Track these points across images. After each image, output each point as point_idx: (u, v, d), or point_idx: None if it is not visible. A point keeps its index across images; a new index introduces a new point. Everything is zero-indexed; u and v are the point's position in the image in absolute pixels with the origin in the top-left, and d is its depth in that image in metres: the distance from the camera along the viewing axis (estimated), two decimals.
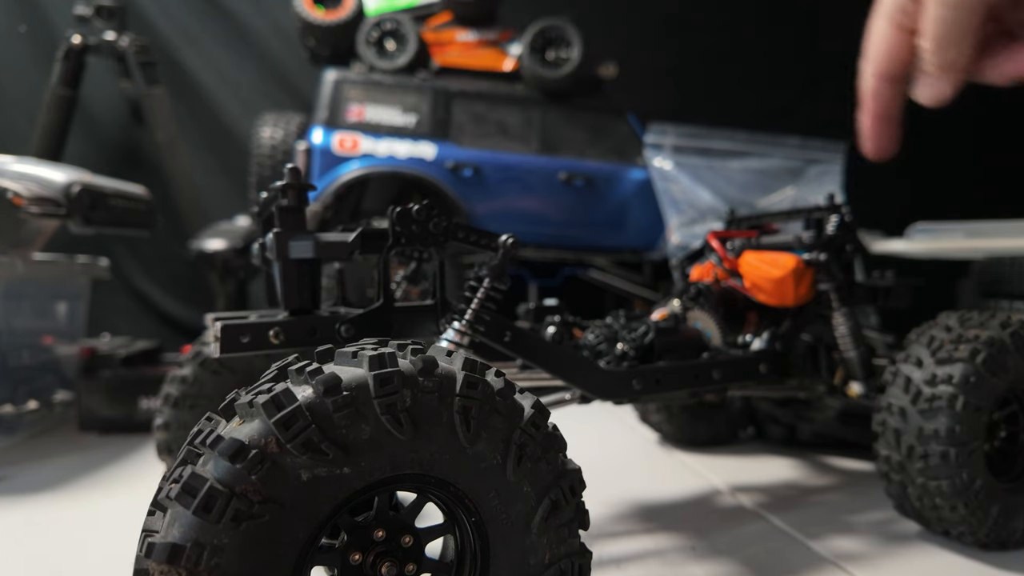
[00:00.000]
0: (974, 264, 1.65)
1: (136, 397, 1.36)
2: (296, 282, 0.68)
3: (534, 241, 2.03)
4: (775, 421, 1.29)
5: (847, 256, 0.97)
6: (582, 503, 0.48)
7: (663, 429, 1.28)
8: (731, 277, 0.97)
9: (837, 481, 1.09)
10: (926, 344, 0.80)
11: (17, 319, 1.35)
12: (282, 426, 0.39)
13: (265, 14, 2.37)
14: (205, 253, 1.80)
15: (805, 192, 2.04)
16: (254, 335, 0.65)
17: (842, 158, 2.10)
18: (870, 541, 0.83)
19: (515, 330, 0.73)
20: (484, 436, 0.44)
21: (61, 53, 2.03)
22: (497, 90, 2.06)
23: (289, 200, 0.66)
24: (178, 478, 0.39)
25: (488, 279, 0.70)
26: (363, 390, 0.41)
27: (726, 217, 1.16)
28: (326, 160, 1.92)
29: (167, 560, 0.37)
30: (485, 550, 0.46)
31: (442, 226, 0.68)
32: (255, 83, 2.39)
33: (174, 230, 2.09)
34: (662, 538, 0.84)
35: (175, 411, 0.87)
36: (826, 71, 2.60)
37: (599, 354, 0.86)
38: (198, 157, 2.29)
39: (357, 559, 0.44)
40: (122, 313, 2.26)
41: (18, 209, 1.19)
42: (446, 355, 0.47)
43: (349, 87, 1.97)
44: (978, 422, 0.74)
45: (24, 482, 1.07)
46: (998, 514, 0.75)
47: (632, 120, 2.15)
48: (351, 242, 0.67)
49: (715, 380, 0.86)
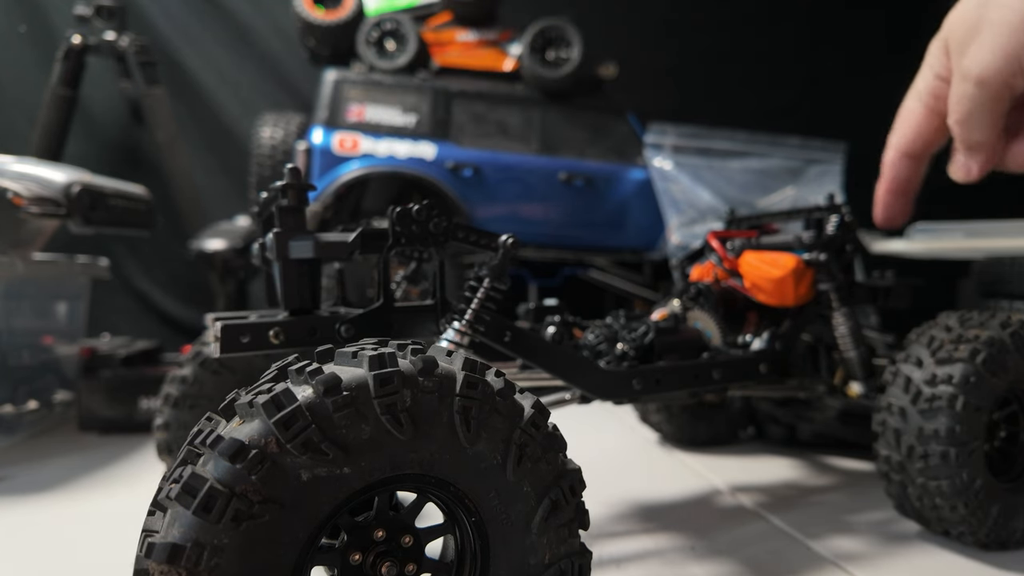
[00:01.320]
0: (974, 264, 1.65)
1: (136, 397, 1.36)
2: (296, 282, 0.68)
3: (534, 241, 2.04)
4: (775, 421, 1.29)
5: (847, 256, 0.97)
6: (582, 503, 0.48)
7: (663, 429, 1.28)
8: (731, 277, 0.97)
9: (837, 481, 1.09)
10: (926, 344, 0.80)
11: (17, 319, 1.35)
12: (282, 426, 0.39)
13: (265, 14, 2.37)
14: (205, 253, 1.80)
15: (805, 192, 2.04)
16: (254, 335, 0.65)
17: (842, 158, 2.10)
18: (870, 541, 0.83)
19: (515, 330, 0.73)
20: (484, 436, 0.44)
21: (61, 53, 2.03)
22: (497, 90, 2.06)
23: (289, 200, 0.66)
24: (178, 478, 0.39)
25: (488, 279, 0.70)
26: (363, 390, 0.41)
27: (726, 217, 1.16)
28: (326, 160, 1.92)
29: (167, 560, 0.37)
30: (485, 550, 0.46)
31: (442, 226, 0.68)
32: (255, 83, 2.39)
33: (174, 230, 2.09)
34: (662, 538, 0.84)
35: (175, 411, 0.87)
36: (826, 71, 2.61)
37: (599, 354, 0.86)
38: (198, 157, 2.29)
39: (357, 559, 0.44)
40: (122, 313, 2.26)
41: (18, 209, 1.19)
42: (446, 355, 0.47)
43: (349, 87, 1.97)
44: (978, 422, 0.74)
45: (24, 482, 1.07)
46: (998, 514, 0.75)
47: (632, 120, 2.15)
48: (351, 242, 0.67)
49: (715, 380, 0.86)
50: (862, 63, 2.66)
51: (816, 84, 2.60)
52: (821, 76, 2.61)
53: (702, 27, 2.55)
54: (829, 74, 2.62)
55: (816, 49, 2.61)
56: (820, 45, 2.60)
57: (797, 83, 2.60)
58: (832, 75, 2.62)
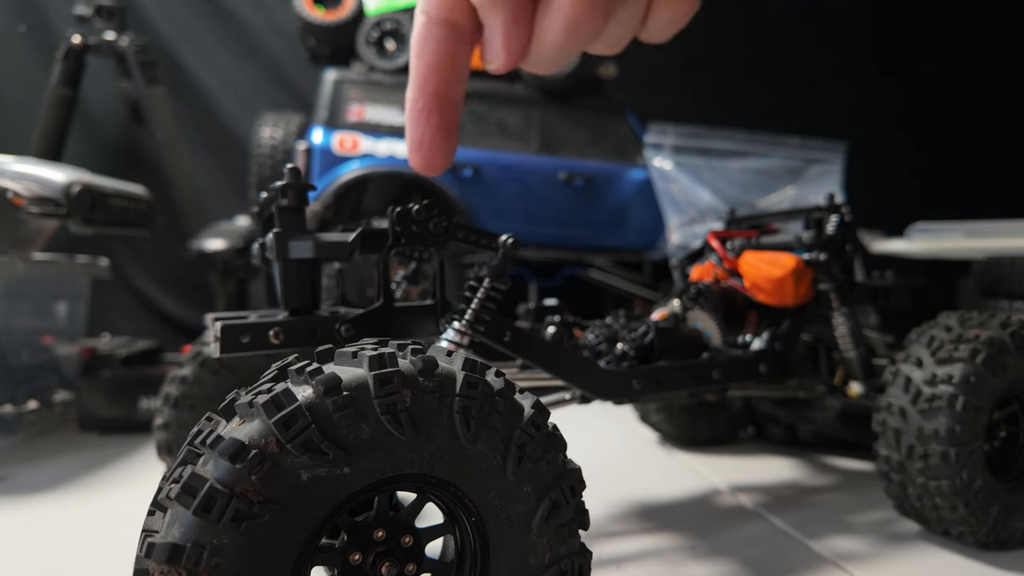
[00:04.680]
0: (974, 264, 1.65)
1: (136, 397, 1.36)
2: (296, 282, 0.67)
3: (534, 241, 2.03)
4: (775, 421, 1.29)
5: (847, 256, 0.97)
6: (582, 503, 0.48)
7: (663, 429, 1.28)
8: (731, 277, 0.97)
9: (837, 481, 1.09)
10: (926, 344, 0.80)
11: (17, 319, 1.35)
12: (282, 426, 0.39)
13: (265, 14, 2.37)
14: (205, 253, 1.80)
15: (805, 192, 2.04)
16: (254, 335, 0.65)
17: (842, 158, 2.10)
18: (870, 541, 0.83)
19: (515, 330, 0.73)
20: (484, 436, 0.44)
21: (61, 53, 2.03)
22: (497, 90, 2.06)
23: (289, 200, 0.66)
24: (178, 478, 0.39)
25: (488, 279, 0.70)
26: (363, 390, 0.41)
27: (726, 217, 1.16)
28: (326, 160, 1.92)
29: (167, 560, 0.37)
30: (485, 550, 0.46)
31: (442, 226, 0.68)
32: (255, 83, 2.39)
33: (174, 230, 2.09)
34: (662, 538, 0.84)
35: (175, 411, 0.87)
36: (826, 71, 2.61)
37: (599, 354, 0.86)
38: (198, 157, 2.29)
39: (357, 559, 0.44)
40: (122, 313, 2.26)
41: (18, 209, 1.19)
42: (446, 355, 0.47)
43: (349, 87, 1.97)
44: (978, 422, 0.74)
45: (24, 482, 1.07)
46: (998, 514, 0.75)
47: (632, 120, 2.15)
48: (351, 242, 0.67)
49: (715, 380, 0.86)
50: (862, 63, 2.66)
51: (816, 84, 2.60)
52: (821, 76, 2.61)
53: (702, 27, 2.54)
54: (829, 74, 2.62)
55: (816, 49, 2.61)
56: (820, 45, 2.61)
57: (797, 83, 2.60)
58: (832, 75, 2.62)
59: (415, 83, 0.39)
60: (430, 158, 0.41)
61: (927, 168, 2.59)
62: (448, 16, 0.37)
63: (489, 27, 0.36)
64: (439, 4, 0.37)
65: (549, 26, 0.34)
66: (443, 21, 0.37)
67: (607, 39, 0.35)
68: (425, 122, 0.41)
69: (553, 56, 0.35)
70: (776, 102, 2.55)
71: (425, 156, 0.41)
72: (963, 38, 2.68)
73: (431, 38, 0.38)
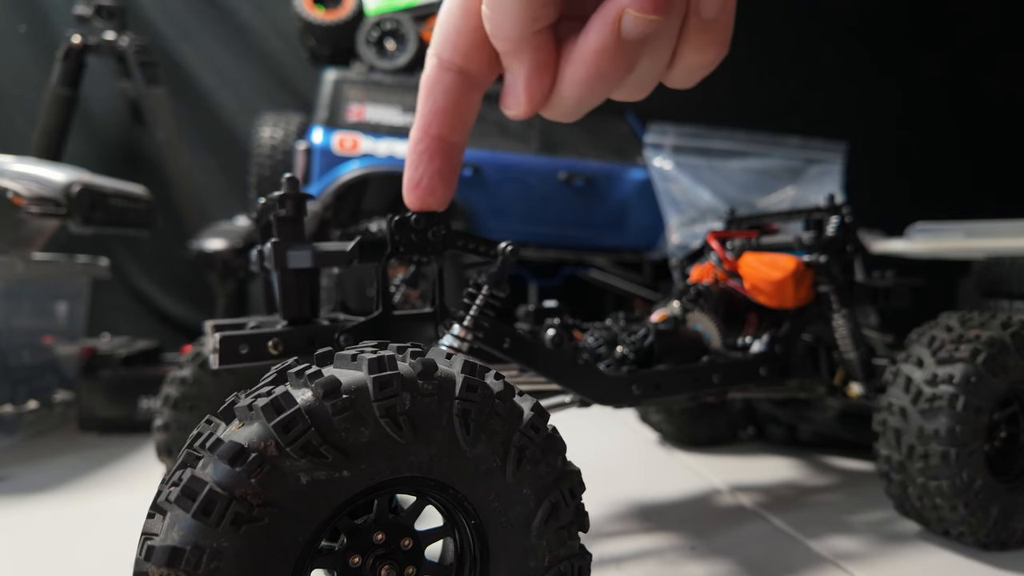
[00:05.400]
0: (974, 264, 1.65)
1: (136, 397, 1.36)
2: (295, 292, 0.67)
3: (534, 241, 2.03)
4: (775, 421, 1.29)
5: (847, 257, 0.97)
6: (582, 505, 0.48)
7: (663, 429, 1.28)
8: (731, 278, 0.97)
9: (837, 481, 1.09)
10: (927, 344, 0.80)
11: (17, 319, 1.35)
12: (282, 429, 0.39)
13: (265, 14, 2.37)
14: (205, 253, 1.80)
15: (805, 192, 2.04)
16: (253, 346, 0.64)
17: (842, 158, 2.10)
18: (870, 541, 0.83)
19: (514, 336, 0.72)
20: (484, 439, 0.44)
21: (61, 53, 2.03)
22: (497, 90, 2.06)
23: (287, 211, 0.66)
24: (177, 481, 0.39)
25: (487, 286, 0.70)
26: (362, 393, 0.41)
27: (726, 217, 1.16)
28: (326, 160, 1.91)
29: (166, 563, 0.37)
30: (485, 553, 0.46)
31: (441, 234, 0.68)
32: (255, 83, 2.39)
33: (174, 230, 2.09)
34: (662, 538, 0.84)
35: (175, 412, 0.87)
36: (826, 71, 2.61)
37: (599, 357, 0.85)
38: (198, 157, 2.28)
39: (357, 562, 0.44)
40: (122, 313, 2.26)
41: (18, 209, 1.19)
42: (445, 358, 0.47)
43: (349, 87, 1.96)
44: (978, 422, 0.74)
45: (24, 482, 1.07)
46: (998, 514, 0.75)
47: (632, 120, 2.15)
48: (349, 251, 0.66)
49: (715, 384, 0.86)
50: (862, 63, 2.66)
51: (816, 84, 2.60)
52: (821, 76, 2.61)
53: None
54: (829, 74, 2.62)
55: (816, 49, 2.60)
56: (820, 45, 2.60)
57: (797, 83, 2.60)
58: (832, 75, 2.62)
59: (420, 124, 0.39)
60: (425, 199, 0.42)
61: (927, 168, 2.59)
62: (462, 65, 0.37)
63: (512, 74, 0.35)
64: (454, 51, 0.37)
65: (572, 77, 0.33)
66: (456, 68, 0.37)
67: (630, 87, 0.35)
68: (426, 164, 0.42)
69: (574, 106, 0.35)
70: (776, 102, 2.55)
71: (421, 197, 0.42)
72: (963, 38, 2.68)
73: (440, 83, 0.38)
